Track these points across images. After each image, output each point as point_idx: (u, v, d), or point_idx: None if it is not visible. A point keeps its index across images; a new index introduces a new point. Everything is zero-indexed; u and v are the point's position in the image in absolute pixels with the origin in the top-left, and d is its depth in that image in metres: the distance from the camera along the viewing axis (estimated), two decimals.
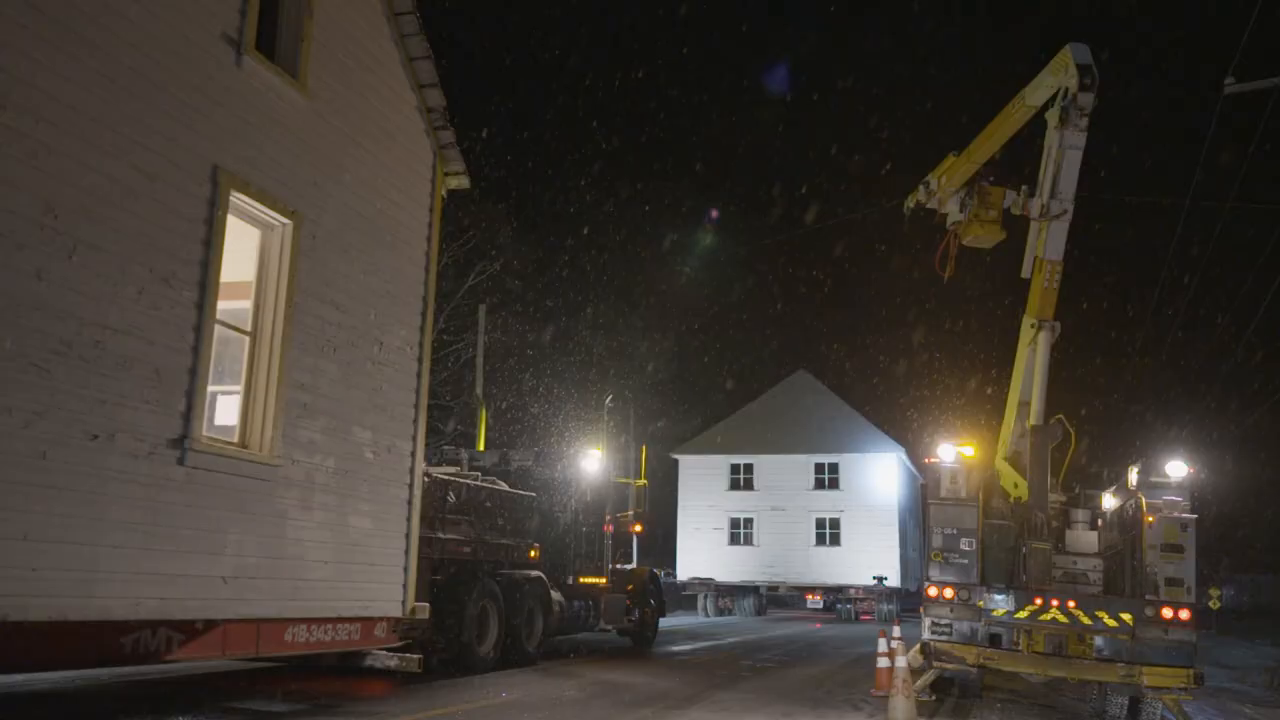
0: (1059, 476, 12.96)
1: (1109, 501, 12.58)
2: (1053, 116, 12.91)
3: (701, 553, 38.62)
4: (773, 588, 37.73)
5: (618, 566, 20.00)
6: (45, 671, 8.74)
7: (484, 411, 25.28)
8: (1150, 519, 10.75)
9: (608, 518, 19.86)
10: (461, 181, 11.56)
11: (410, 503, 10.48)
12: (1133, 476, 11.35)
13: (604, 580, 19.02)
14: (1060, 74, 12.76)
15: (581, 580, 18.23)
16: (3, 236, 6.14)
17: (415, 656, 10.94)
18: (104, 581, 6.82)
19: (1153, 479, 11.03)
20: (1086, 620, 10.70)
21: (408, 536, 10.44)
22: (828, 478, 38.71)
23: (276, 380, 8.51)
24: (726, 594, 37.23)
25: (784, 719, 10.31)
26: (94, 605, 6.78)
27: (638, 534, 23.67)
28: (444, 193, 11.37)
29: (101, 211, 6.86)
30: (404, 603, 10.40)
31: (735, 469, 39.56)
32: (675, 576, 38.11)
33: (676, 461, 40.44)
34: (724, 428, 40.87)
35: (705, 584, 37.14)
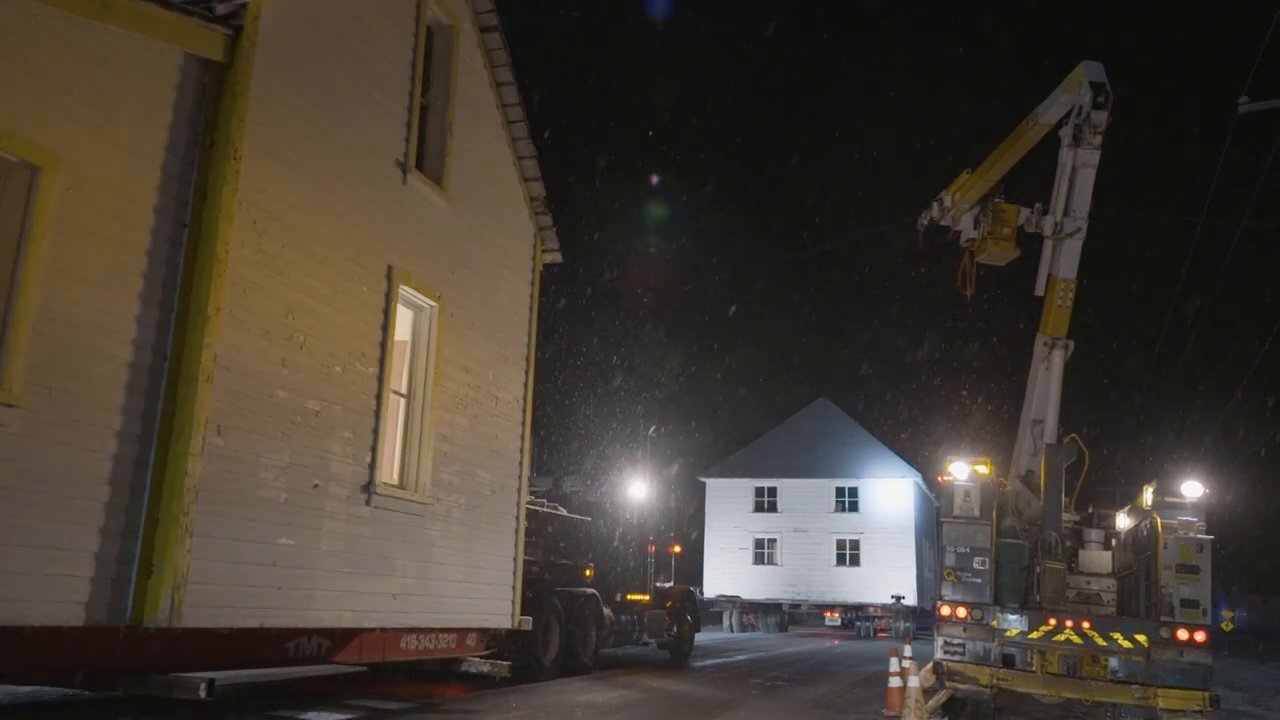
0: (1072, 496, 12.79)
1: (1123, 521, 12.45)
2: (1066, 134, 12.94)
3: (727, 571, 40.54)
4: (795, 605, 39.62)
5: (658, 584, 21.83)
6: (286, 668, 10.39)
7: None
8: (1166, 539, 10.60)
9: (650, 539, 21.85)
10: (555, 257, 13.57)
11: (517, 531, 12.44)
12: (1148, 496, 11.26)
13: (647, 597, 20.82)
14: (1074, 91, 12.79)
15: (628, 597, 20.00)
16: (265, 334, 8.16)
17: (505, 663, 12.67)
18: (320, 597, 8.80)
19: (1168, 499, 10.94)
20: (1101, 641, 10.55)
21: (515, 560, 12.39)
22: (848, 501, 40.65)
23: (429, 434, 10.52)
24: (751, 611, 39.12)
25: None
26: (312, 616, 8.77)
27: (677, 554, 25.64)
28: (541, 267, 13.39)
29: (320, 309, 8.87)
30: (513, 615, 12.33)
31: (760, 492, 41.55)
32: (702, 594, 39.96)
33: (704, 485, 42.44)
34: (748, 453, 42.86)
35: (731, 601, 39.02)
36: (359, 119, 9.54)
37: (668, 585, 22.46)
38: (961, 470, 11.61)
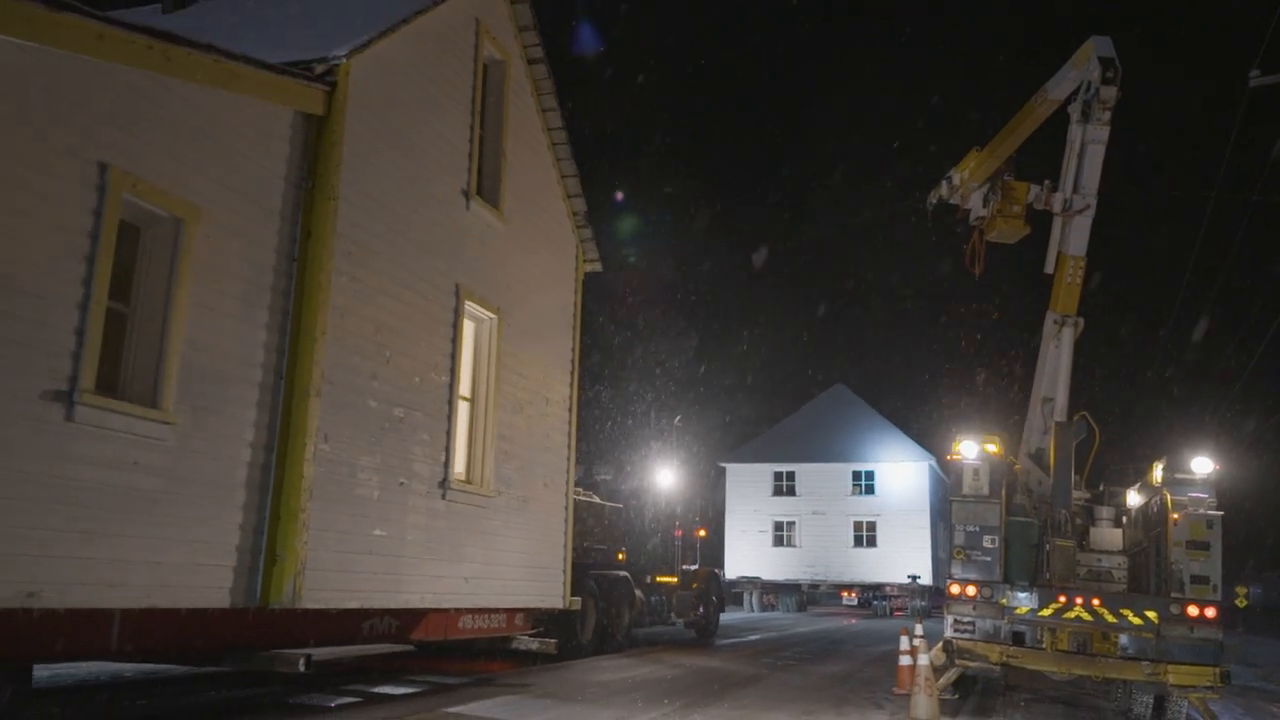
0: (1083, 473, 12.77)
1: (1133, 498, 12.44)
2: (1075, 110, 12.78)
3: (748, 553, 41.80)
4: (814, 585, 40.90)
5: (685, 567, 23.03)
6: (358, 646, 11.02)
7: None
8: (1175, 516, 10.59)
9: (677, 523, 23.02)
10: (595, 266, 14.68)
11: (566, 520, 13.60)
12: (1157, 473, 11.21)
13: (675, 579, 22.01)
14: (1082, 67, 12.65)
15: (657, 579, 21.20)
16: (359, 352, 9.31)
17: (552, 640, 13.85)
18: (405, 581, 9.98)
19: (1178, 475, 10.90)
20: (1111, 618, 10.55)
21: (565, 546, 13.55)
22: (864, 484, 41.83)
23: (491, 434, 11.67)
24: (771, 591, 40.40)
25: (806, 717, 10.60)
26: (399, 598, 9.95)
27: (702, 538, 26.84)
28: (583, 276, 14.49)
29: (402, 327, 10.01)
30: (564, 596, 13.51)
31: (779, 476, 42.78)
32: (724, 575, 41.21)
33: (724, 470, 43.64)
34: (767, 439, 44.08)
35: (752, 582, 40.28)
36: (429, 153, 10.65)
37: (694, 567, 23.62)
38: (971, 449, 11.55)
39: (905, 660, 11.75)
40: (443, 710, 9.77)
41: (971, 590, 10.98)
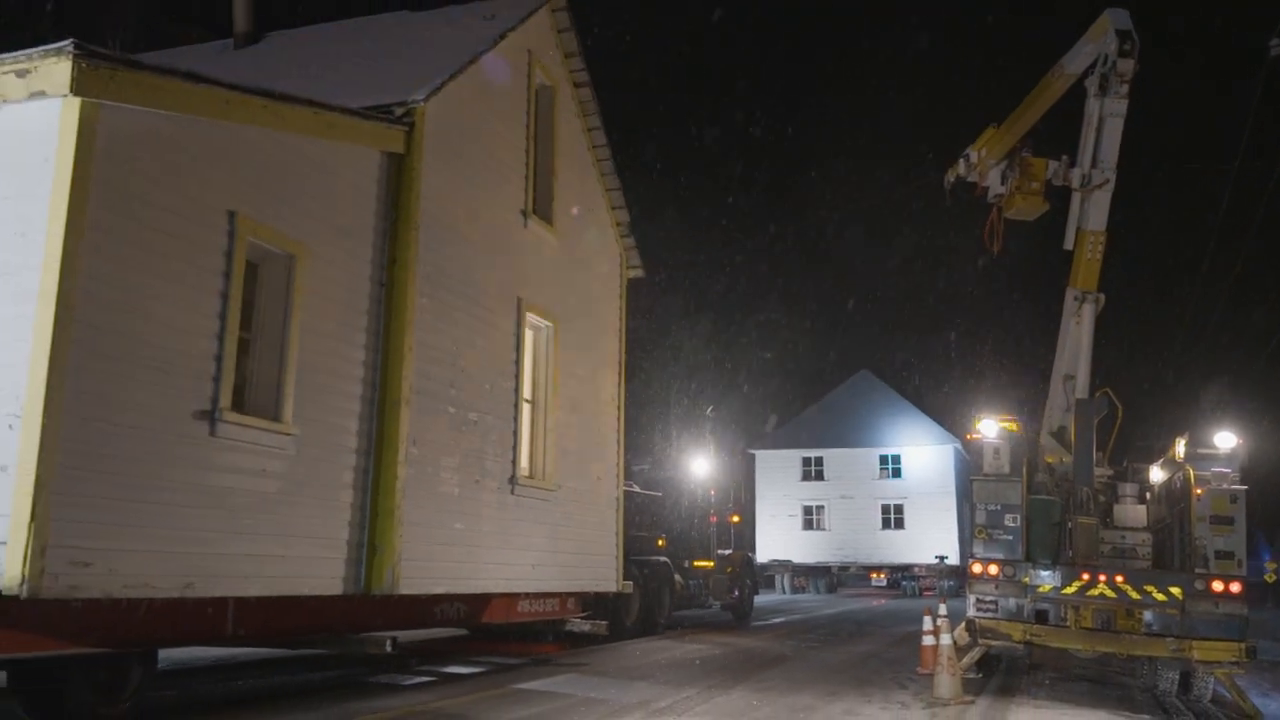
0: (1106, 450, 12.71)
1: (1157, 474, 12.32)
2: (1092, 84, 12.69)
3: (778, 537, 42.87)
4: (843, 567, 41.94)
5: (720, 551, 24.04)
6: (455, 626, 12.32)
7: None
8: (1199, 491, 10.52)
9: (712, 510, 24.05)
10: (638, 272, 15.67)
11: (618, 511, 14.64)
12: (1180, 448, 11.19)
13: (712, 563, 22.97)
14: (1099, 40, 12.56)
15: (695, 564, 22.18)
16: (439, 364, 10.35)
17: (604, 622, 14.89)
18: (481, 569, 11.04)
19: (1201, 450, 10.89)
20: (1135, 595, 10.47)
21: (617, 534, 14.60)
22: (891, 468, 42.84)
23: (551, 433, 12.71)
24: (802, 574, 41.50)
25: (830, 697, 10.71)
26: (476, 584, 11.02)
27: (736, 524, 27.85)
28: (627, 282, 15.50)
29: (473, 339, 11.05)
30: (617, 580, 14.57)
31: (807, 462, 43.84)
32: (755, 558, 42.35)
33: (753, 456, 44.70)
34: (795, 425, 45.11)
35: (783, 565, 41.37)
36: (491, 178, 11.67)
37: (728, 552, 24.51)
38: (991, 428, 11.53)
39: (928, 640, 11.78)
40: (512, 686, 10.73)
41: (994, 569, 10.95)
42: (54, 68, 6.49)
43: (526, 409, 12.45)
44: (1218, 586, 10.27)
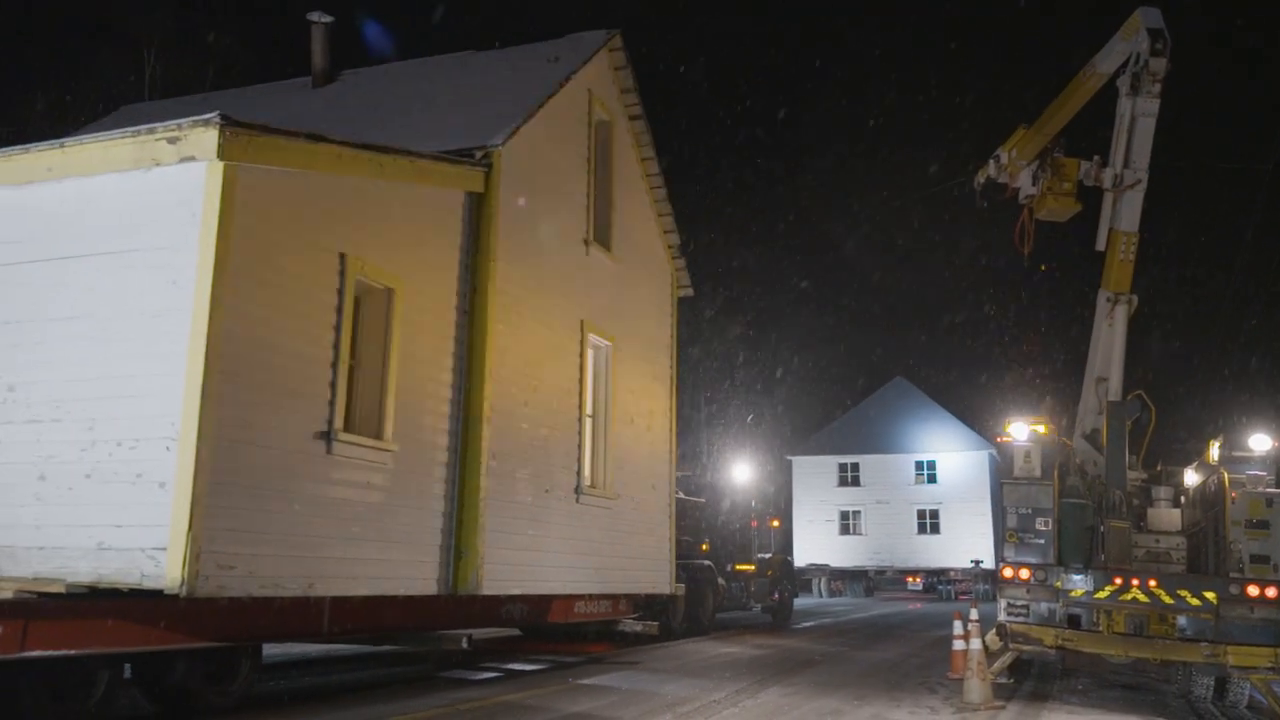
0: (1139, 453, 12.62)
1: (1191, 478, 12.18)
2: (1124, 83, 12.64)
3: (815, 541, 43.64)
4: (880, 571, 42.65)
5: (761, 555, 24.82)
6: (518, 626, 13.14)
7: None
8: (1233, 494, 10.39)
9: (753, 515, 24.89)
10: (688, 291, 16.59)
11: (670, 518, 15.54)
12: (1214, 451, 11.10)
13: (753, 567, 23.70)
14: (1130, 39, 12.52)
15: (737, 567, 22.94)
16: (514, 384, 11.30)
17: (655, 623, 15.78)
18: (551, 572, 11.99)
19: (1235, 453, 10.82)
20: (1168, 599, 10.32)
21: (670, 539, 15.50)
22: (926, 473, 43.52)
23: (611, 445, 13.64)
24: (839, 577, 42.20)
25: (858, 701, 10.73)
26: (544, 586, 11.96)
27: (776, 528, 28.66)
28: (677, 300, 16.40)
29: (543, 359, 12.00)
30: (670, 583, 15.47)
31: (843, 468, 44.63)
32: (794, 562, 43.14)
33: (790, 462, 45.50)
34: (831, 432, 45.90)
35: (820, 569, 42.09)
36: (557, 210, 12.63)
37: (768, 556, 25.22)
38: (1021, 430, 11.46)
39: (959, 645, 11.67)
40: (576, 681, 11.54)
41: (1025, 573, 10.83)
42: (202, 136, 7.49)
43: (588, 423, 13.38)
44: (1253, 591, 10.13)
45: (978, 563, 40.03)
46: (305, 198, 8.57)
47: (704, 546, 21.16)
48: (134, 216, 7.75)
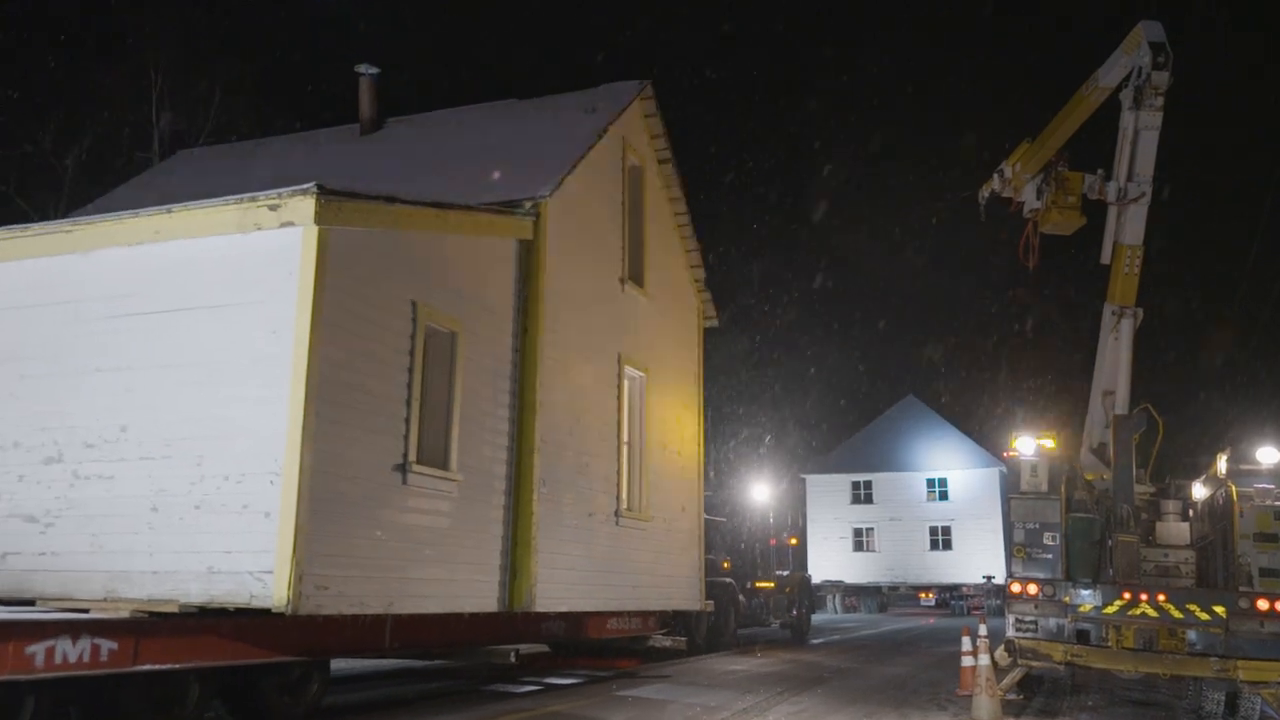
0: (1147, 467, 12.62)
1: (1199, 491, 12.14)
2: (1127, 97, 12.66)
3: (830, 558, 44.42)
4: (893, 587, 43.40)
5: (779, 572, 25.65)
6: (556, 640, 13.64)
7: None
8: (1241, 508, 10.36)
9: (771, 534, 25.74)
10: (713, 322, 17.51)
11: (699, 538, 16.40)
12: (1222, 464, 11.01)
13: (772, 584, 24.50)
14: (1132, 53, 12.53)
15: (757, 585, 23.73)
16: (561, 414, 12.20)
17: (683, 638, 16.60)
18: (592, 591, 12.85)
19: (1243, 466, 10.72)
20: (1177, 614, 10.26)
21: (700, 559, 16.36)
22: (938, 490, 44.31)
23: (646, 471, 14.52)
24: (853, 594, 42.97)
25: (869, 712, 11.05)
26: (587, 603, 12.81)
27: (794, 546, 29.51)
28: (704, 331, 17.31)
29: (586, 390, 12.91)
30: (700, 599, 16.32)
31: (856, 486, 45.47)
32: (811, 580, 43.93)
33: (804, 481, 46.34)
34: (843, 450, 46.74)
35: (835, 585, 42.87)
36: (596, 252, 13.57)
37: (787, 573, 26.11)
38: (1027, 445, 11.46)
39: (968, 661, 11.65)
40: (613, 693, 12.31)
41: (1033, 589, 10.80)
42: (300, 204, 8.41)
43: (625, 450, 14.27)
44: (1263, 605, 10.05)
45: (989, 578, 40.72)
46: (381, 252, 9.49)
47: (725, 564, 21.95)
48: (237, 273, 8.66)
